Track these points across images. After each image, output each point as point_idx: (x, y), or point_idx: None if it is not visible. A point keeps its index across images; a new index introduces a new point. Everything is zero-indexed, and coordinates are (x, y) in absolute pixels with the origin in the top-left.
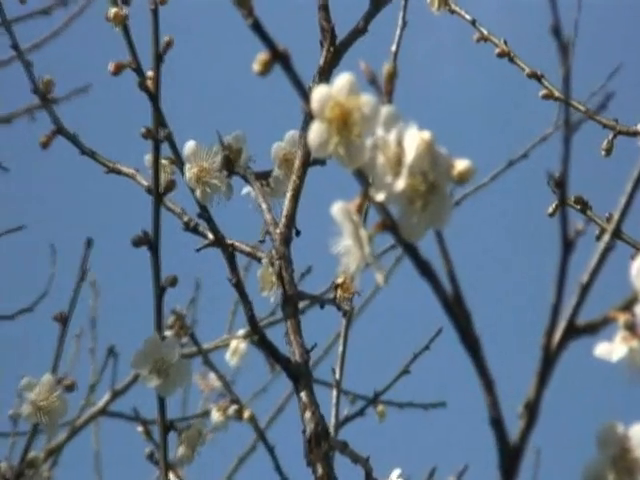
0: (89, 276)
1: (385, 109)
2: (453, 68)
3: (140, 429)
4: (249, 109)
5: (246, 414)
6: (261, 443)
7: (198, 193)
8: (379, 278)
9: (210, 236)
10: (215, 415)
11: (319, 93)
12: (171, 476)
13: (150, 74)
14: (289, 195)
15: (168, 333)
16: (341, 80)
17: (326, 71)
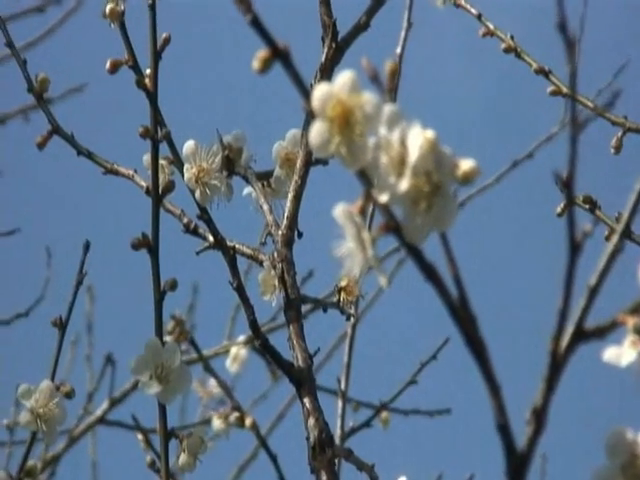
0: (86, 281)
1: (388, 108)
2: (457, 66)
3: (140, 437)
4: (249, 108)
5: (248, 422)
6: (263, 451)
7: (198, 194)
8: (382, 281)
9: (210, 238)
10: (216, 423)
11: (320, 91)
12: None
13: (148, 72)
14: (291, 196)
15: (168, 339)
16: (343, 78)
17: (328, 68)
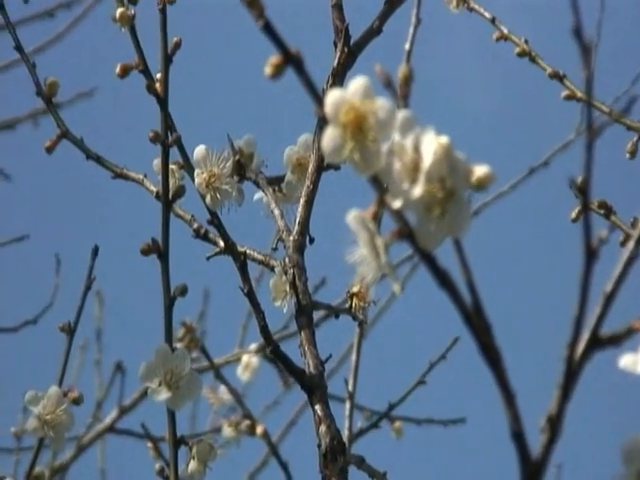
0: (94, 286)
1: (401, 113)
2: (472, 72)
3: (149, 446)
4: (261, 112)
5: (259, 430)
6: (274, 458)
7: (208, 199)
8: (396, 288)
9: (221, 244)
10: (227, 431)
11: (333, 97)
12: None
13: (158, 76)
14: (302, 201)
15: (178, 345)
16: (356, 84)
17: (340, 73)
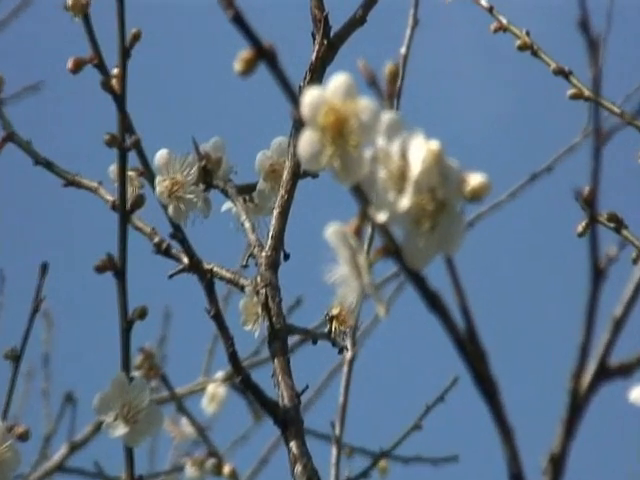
0: (43, 306)
1: (387, 115)
2: (467, 68)
3: None
4: (230, 113)
5: (226, 469)
6: None
7: (171, 210)
8: (380, 310)
9: (185, 260)
10: (190, 470)
11: (311, 96)
12: None
13: (115, 72)
14: (276, 212)
15: (136, 374)
16: (336, 81)
17: (319, 68)
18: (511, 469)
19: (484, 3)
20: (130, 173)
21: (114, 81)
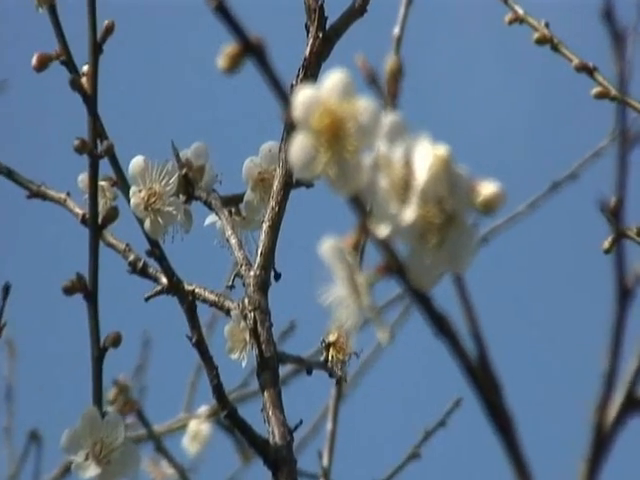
0: (4, 333)
1: (389, 117)
2: (480, 64)
3: None
4: (214, 115)
5: None
6: None
7: (147, 224)
8: (382, 336)
9: (163, 281)
10: None
11: (304, 96)
12: None
13: (85, 69)
14: (266, 226)
15: (109, 409)
16: (332, 79)
17: (313, 65)
18: None
19: None
20: (102, 183)
21: (84, 80)
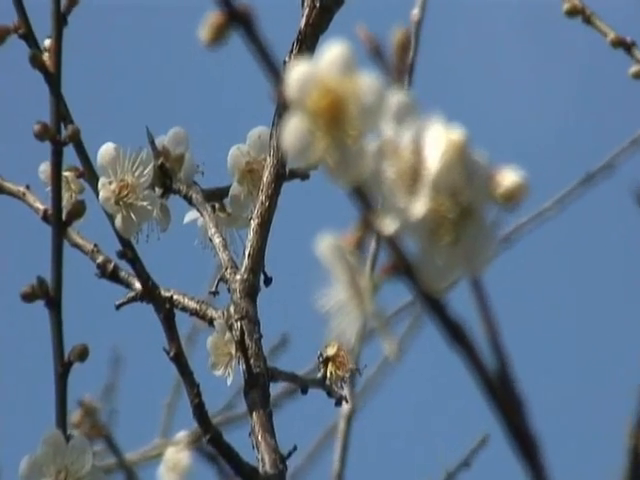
0: None
1: (396, 97)
2: (499, 39)
3: None
4: (194, 97)
5: None
6: None
7: (119, 221)
8: (389, 349)
9: (137, 286)
10: None
11: (299, 73)
12: None
13: (47, 44)
14: (255, 224)
15: (75, 432)
16: (331, 54)
17: (309, 38)
18: None
19: None
20: (67, 174)
21: (46, 56)
